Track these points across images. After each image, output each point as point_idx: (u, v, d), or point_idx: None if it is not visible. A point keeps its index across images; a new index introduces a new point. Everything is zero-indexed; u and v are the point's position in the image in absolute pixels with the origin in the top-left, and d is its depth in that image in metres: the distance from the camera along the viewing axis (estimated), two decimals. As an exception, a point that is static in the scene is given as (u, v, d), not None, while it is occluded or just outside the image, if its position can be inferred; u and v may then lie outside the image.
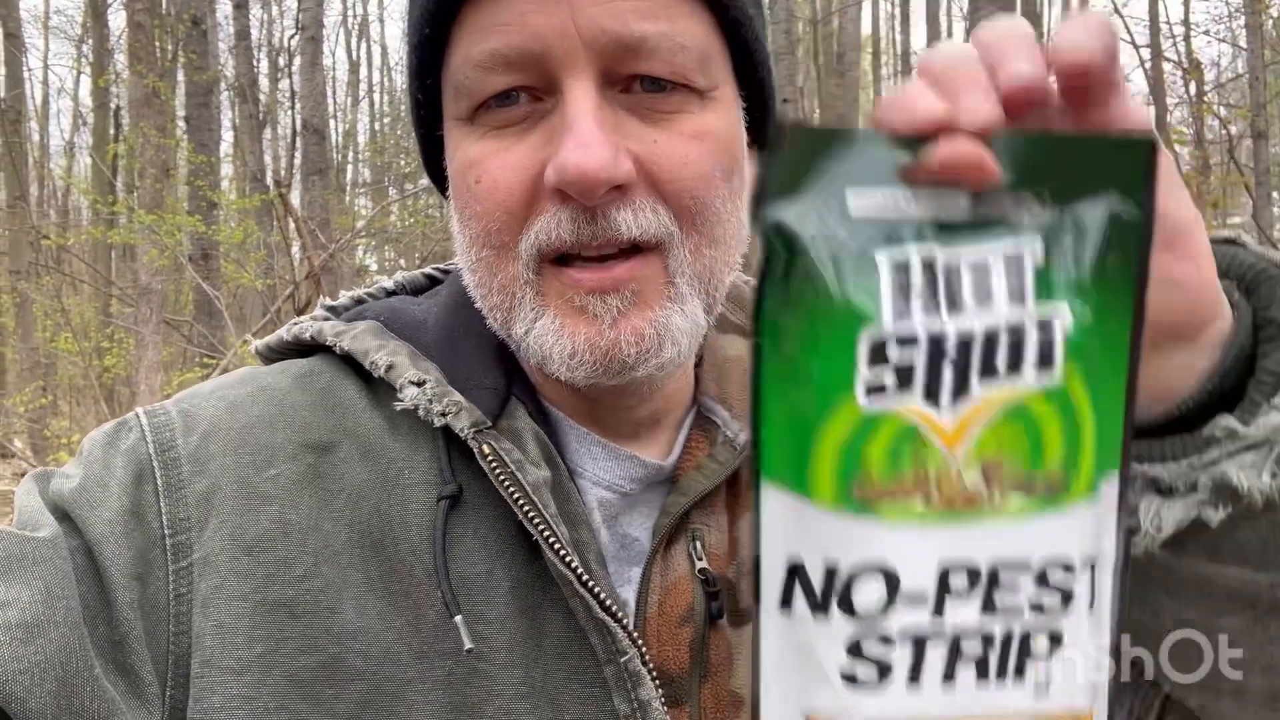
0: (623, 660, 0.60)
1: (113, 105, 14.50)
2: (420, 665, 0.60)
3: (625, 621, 0.61)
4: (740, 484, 0.71)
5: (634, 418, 0.69)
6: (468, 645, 0.58)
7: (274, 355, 0.74)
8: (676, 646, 0.64)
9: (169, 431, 0.64)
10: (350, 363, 0.68)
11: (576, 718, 0.60)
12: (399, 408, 0.64)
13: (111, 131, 14.46)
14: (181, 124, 9.77)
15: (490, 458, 0.61)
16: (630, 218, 0.59)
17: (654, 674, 0.61)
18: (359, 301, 0.76)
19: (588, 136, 0.57)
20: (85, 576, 0.59)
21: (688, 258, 0.62)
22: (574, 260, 0.60)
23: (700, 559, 0.66)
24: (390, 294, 0.78)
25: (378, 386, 0.67)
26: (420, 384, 0.64)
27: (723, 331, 0.74)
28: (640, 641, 0.62)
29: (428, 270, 0.81)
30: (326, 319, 0.73)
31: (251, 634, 0.59)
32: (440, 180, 0.71)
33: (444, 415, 0.62)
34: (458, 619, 0.58)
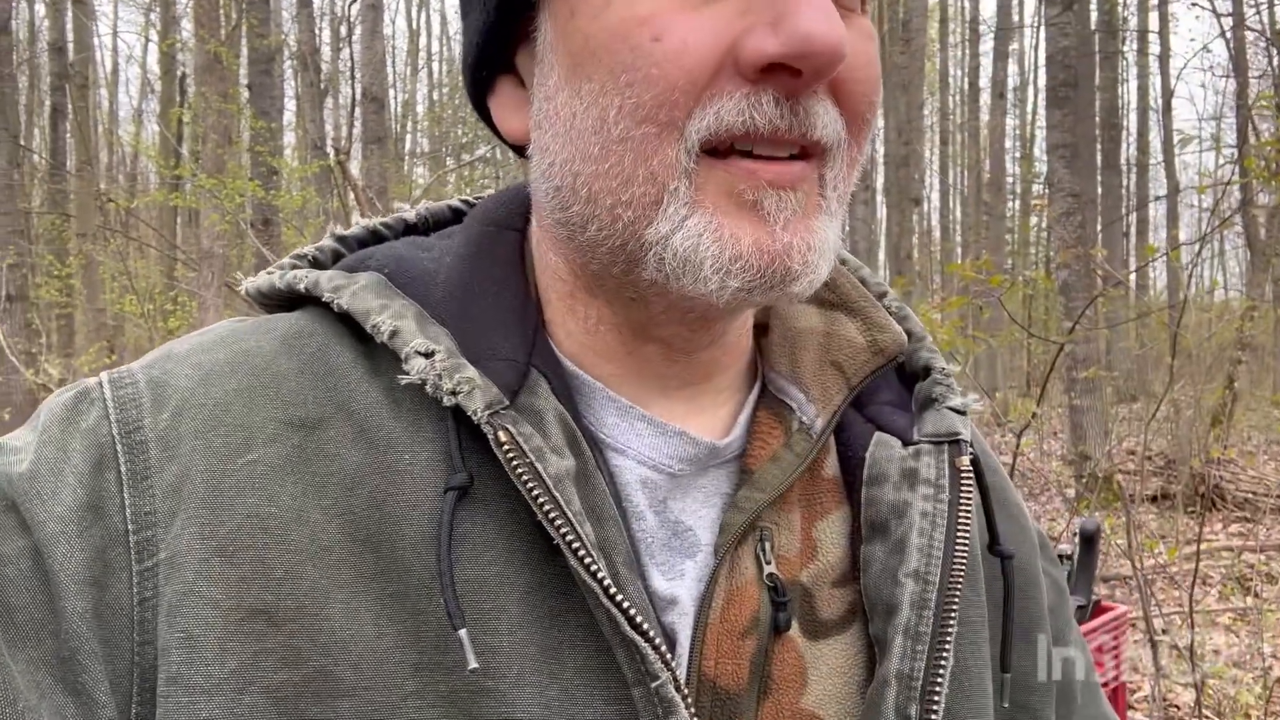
0: (654, 685, 0.52)
1: (179, 72, 14.70)
2: (420, 679, 0.51)
3: (656, 641, 0.52)
4: (817, 479, 0.62)
5: (696, 363, 0.61)
6: (472, 664, 0.49)
7: (266, 302, 0.65)
8: (737, 660, 0.56)
9: (135, 408, 0.56)
10: (347, 320, 0.59)
11: None
12: (404, 382, 0.55)
13: (178, 98, 14.66)
14: (244, 92, 9.85)
15: (507, 446, 0.52)
16: (823, 113, 0.52)
17: (687, 698, 0.53)
18: (374, 234, 0.68)
19: (827, 5, 0.49)
20: (29, 585, 0.51)
21: (844, 171, 0.55)
22: (733, 155, 0.52)
23: (768, 562, 0.58)
24: (410, 227, 0.69)
25: (378, 352, 0.58)
26: (429, 355, 0.55)
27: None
28: (675, 664, 0.53)
29: (454, 203, 0.71)
30: (337, 253, 0.65)
31: (224, 647, 0.50)
32: (481, 91, 0.62)
33: (455, 394, 0.53)
34: (462, 633, 0.50)
